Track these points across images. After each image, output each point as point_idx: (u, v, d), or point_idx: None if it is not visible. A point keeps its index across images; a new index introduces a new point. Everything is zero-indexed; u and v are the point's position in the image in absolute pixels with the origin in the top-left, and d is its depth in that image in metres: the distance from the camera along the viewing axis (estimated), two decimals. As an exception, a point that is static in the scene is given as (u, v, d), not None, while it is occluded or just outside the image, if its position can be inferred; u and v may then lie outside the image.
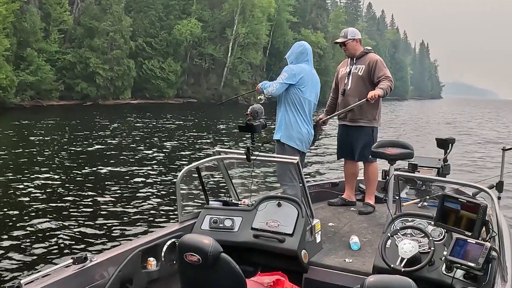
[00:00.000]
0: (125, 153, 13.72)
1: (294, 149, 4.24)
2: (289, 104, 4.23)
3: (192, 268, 2.42)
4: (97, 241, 6.25)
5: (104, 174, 10.69)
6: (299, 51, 4.31)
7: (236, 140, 16.95)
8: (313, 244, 3.39)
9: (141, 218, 7.30)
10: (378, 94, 4.28)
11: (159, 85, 41.93)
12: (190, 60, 45.95)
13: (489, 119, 42.24)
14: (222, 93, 46.30)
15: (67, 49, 35.63)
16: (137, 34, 40.84)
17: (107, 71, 35.88)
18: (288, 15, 55.07)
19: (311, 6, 65.85)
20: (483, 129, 29.27)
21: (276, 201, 3.40)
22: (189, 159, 12.97)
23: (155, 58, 42.21)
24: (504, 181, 4.90)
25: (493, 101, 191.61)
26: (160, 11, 43.55)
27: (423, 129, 26.20)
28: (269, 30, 51.14)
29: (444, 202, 2.86)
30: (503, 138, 23.53)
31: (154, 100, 41.45)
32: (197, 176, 3.68)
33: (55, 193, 8.70)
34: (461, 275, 2.67)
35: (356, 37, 4.64)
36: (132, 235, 6.42)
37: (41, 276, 2.52)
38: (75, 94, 35.49)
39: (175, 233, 3.33)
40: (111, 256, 2.90)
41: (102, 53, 36.15)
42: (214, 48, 46.71)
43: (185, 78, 45.92)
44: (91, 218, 7.19)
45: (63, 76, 34.57)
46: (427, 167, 4.88)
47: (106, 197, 8.54)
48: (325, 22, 68.12)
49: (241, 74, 48.22)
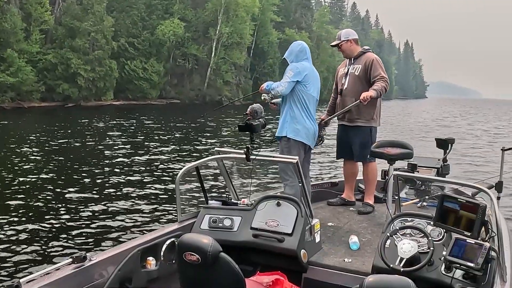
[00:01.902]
0: (123, 153, 13.72)
1: (301, 144, 4.25)
2: (294, 100, 4.25)
3: (192, 267, 2.42)
4: (97, 240, 6.25)
5: (103, 174, 10.68)
6: (298, 49, 4.34)
7: (224, 141, 16.96)
8: (312, 243, 3.39)
9: (140, 218, 7.30)
10: (370, 96, 4.29)
11: (142, 86, 41.17)
12: (173, 61, 45.03)
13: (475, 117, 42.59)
14: (205, 93, 45.85)
15: (48, 50, 34.80)
16: (119, 34, 39.96)
17: (89, 72, 35.16)
18: (272, 15, 54.66)
19: (295, 5, 65.64)
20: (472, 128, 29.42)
21: (276, 201, 3.40)
22: (189, 158, 12.97)
23: (138, 58, 41.40)
24: (503, 181, 4.91)
25: (477, 100, 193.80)
26: (143, 11, 42.74)
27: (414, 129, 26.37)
28: (253, 30, 50.40)
29: (444, 202, 2.86)
30: (498, 136, 23.77)
31: (137, 101, 40.69)
32: (196, 175, 3.68)
33: (55, 193, 8.70)
34: (460, 275, 2.67)
35: (350, 37, 4.64)
36: (131, 234, 6.41)
37: (41, 275, 2.51)
38: (56, 96, 34.57)
39: (174, 233, 3.33)
40: (110, 255, 2.90)
41: (84, 53, 35.29)
42: (197, 48, 45.85)
43: (168, 79, 44.93)
44: (91, 218, 7.19)
45: (44, 77, 33.70)
46: (426, 167, 4.89)
47: (106, 197, 8.53)
48: (309, 21, 68.03)
49: (225, 74, 47.53)
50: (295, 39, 37.87)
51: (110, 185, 9.52)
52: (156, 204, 8.12)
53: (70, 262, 2.66)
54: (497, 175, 5.07)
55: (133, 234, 6.40)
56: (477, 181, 5.71)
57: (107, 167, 11.41)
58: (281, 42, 56.69)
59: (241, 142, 15.75)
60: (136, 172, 10.93)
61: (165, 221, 7.09)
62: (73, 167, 11.33)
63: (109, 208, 7.81)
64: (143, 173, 10.77)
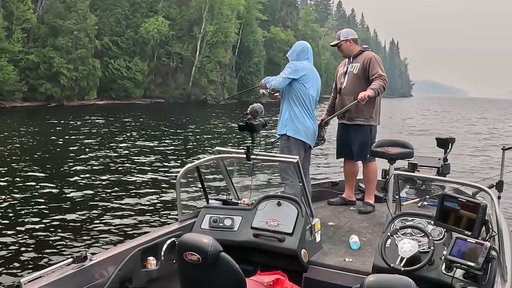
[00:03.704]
0: (122, 153, 13.72)
1: (300, 143, 4.26)
2: (293, 99, 4.27)
3: (192, 267, 2.42)
4: (97, 240, 6.25)
5: (103, 173, 10.68)
6: (300, 49, 4.37)
7: (224, 141, 16.95)
8: (312, 243, 3.39)
9: (141, 217, 7.30)
10: (368, 95, 4.29)
11: (126, 85, 40.19)
12: (157, 59, 44.20)
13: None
14: (190, 92, 45.25)
15: (31, 49, 33.86)
16: (102, 33, 39.12)
17: (72, 71, 34.28)
18: (258, 13, 54.14)
19: (280, 4, 65.41)
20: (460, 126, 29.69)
21: (276, 201, 3.40)
22: (189, 158, 12.97)
23: (121, 57, 40.44)
24: (504, 180, 4.90)
25: (463, 98, 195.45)
26: (126, 9, 41.83)
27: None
28: (238, 28, 49.62)
29: (444, 201, 2.86)
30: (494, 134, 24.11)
31: (120, 101, 39.82)
32: (197, 175, 3.68)
33: (55, 193, 8.70)
34: (461, 274, 2.67)
35: (349, 37, 4.65)
36: (131, 234, 6.41)
37: (41, 275, 2.51)
38: (39, 95, 33.66)
39: (175, 232, 3.33)
40: (110, 255, 2.90)
41: (67, 52, 34.40)
42: (182, 46, 45.01)
43: (152, 78, 44.05)
44: (91, 218, 7.19)
45: (26, 77, 32.71)
46: (427, 166, 4.89)
47: (106, 197, 8.54)
48: (295, 20, 67.95)
49: (209, 73, 46.52)
50: (280, 38, 37.89)
51: (110, 185, 9.52)
52: (156, 204, 8.12)
53: (70, 262, 2.66)
54: (497, 175, 5.06)
55: (133, 234, 6.40)
56: (478, 180, 5.70)
57: (107, 167, 11.41)
58: (267, 40, 56.40)
59: (241, 141, 15.75)
60: (136, 172, 10.93)
61: (166, 220, 7.09)
62: (73, 167, 11.32)
63: (109, 208, 7.80)
64: (143, 173, 10.77)
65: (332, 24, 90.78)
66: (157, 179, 10.21)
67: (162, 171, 11.14)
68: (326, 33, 77.70)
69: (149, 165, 11.81)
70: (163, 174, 10.84)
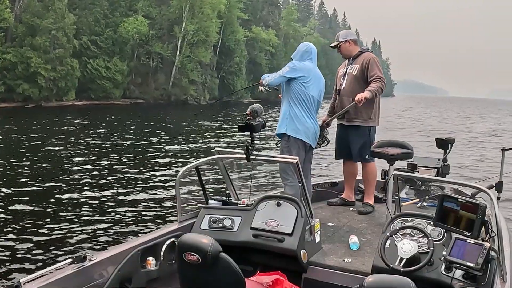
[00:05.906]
0: (122, 153, 13.72)
1: (301, 143, 4.25)
2: (293, 99, 4.26)
3: (192, 267, 2.42)
4: (97, 240, 6.24)
5: (103, 173, 10.68)
6: (304, 49, 4.38)
7: (224, 141, 16.95)
8: (312, 243, 3.39)
9: (140, 218, 7.30)
10: (365, 97, 4.29)
11: (105, 86, 39.34)
12: (137, 59, 43.42)
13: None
14: (170, 93, 44.71)
15: (8, 49, 32.99)
16: (81, 32, 38.33)
17: (50, 71, 33.41)
18: (239, 12, 53.38)
19: (262, 3, 64.90)
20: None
21: (276, 201, 3.40)
22: (189, 158, 12.97)
23: (100, 57, 39.51)
24: (503, 181, 4.90)
25: (444, 98, 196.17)
26: (105, 8, 40.94)
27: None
28: (219, 28, 48.72)
29: (444, 202, 2.86)
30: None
31: (99, 101, 38.87)
32: (196, 175, 3.68)
33: (55, 193, 8.70)
34: (460, 275, 2.67)
35: (348, 38, 4.65)
36: (131, 234, 6.42)
37: (41, 275, 2.51)
38: (16, 96, 32.94)
39: (174, 233, 3.33)
40: (110, 255, 2.90)
41: (44, 52, 33.63)
42: (162, 46, 44.21)
43: (132, 78, 43.11)
44: (91, 218, 7.19)
45: (3, 77, 32.10)
46: (426, 167, 4.88)
47: (106, 197, 8.54)
48: (276, 19, 67.41)
49: (190, 73, 45.70)
50: (262, 37, 37.69)
51: (109, 185, 9.52)
52: (156, 204, 8.12)
53: (70, 262, 2.66)
54: (497, 175, 5.06)
55: (133, 234, 6.40)
56: (477, 181, 5.71)
57: (106, 167, 11.40)
58: (248, 40, 55.66)
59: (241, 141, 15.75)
60: (136, 172, 10.93)
61: (165, 221, 7.09)
62: (73, 166, 11.32)
63: (109, 208, 7.81)
64: (143, 173, 10.77)
65: (314, 23, 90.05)
66: (156, 179, 10.20)
67: (162, 171, 11.14)
68: (308, 33, 76.35)
69: (149, 165, 11.80)
70: (162, 174, 10.85)
